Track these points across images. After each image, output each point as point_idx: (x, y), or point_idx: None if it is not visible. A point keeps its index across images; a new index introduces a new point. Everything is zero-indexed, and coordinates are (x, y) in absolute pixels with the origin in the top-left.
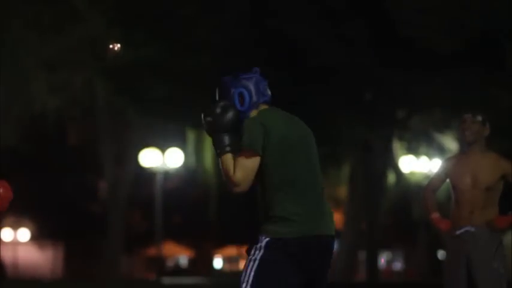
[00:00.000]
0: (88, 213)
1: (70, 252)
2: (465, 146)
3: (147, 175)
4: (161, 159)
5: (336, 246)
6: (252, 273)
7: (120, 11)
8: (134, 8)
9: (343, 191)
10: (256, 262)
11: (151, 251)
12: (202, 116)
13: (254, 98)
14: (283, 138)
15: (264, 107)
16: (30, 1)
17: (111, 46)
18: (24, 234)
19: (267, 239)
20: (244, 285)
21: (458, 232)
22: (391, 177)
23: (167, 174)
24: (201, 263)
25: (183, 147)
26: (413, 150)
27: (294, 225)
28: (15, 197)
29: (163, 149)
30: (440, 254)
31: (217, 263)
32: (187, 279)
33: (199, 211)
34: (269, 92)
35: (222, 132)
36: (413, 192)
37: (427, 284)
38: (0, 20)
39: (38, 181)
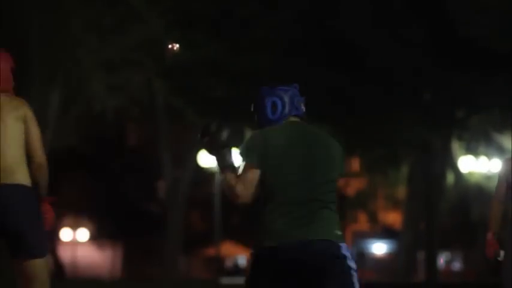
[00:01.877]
0: (147, 213)
1: (129, 252)
2: None
3: (206, 175)
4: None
5: (394, 246)
6: (245, 284)
7: (179, 12)
8: (193, 9)
9: (401, 192)
10: (249, 273)
11: (210, 251)
12: (199, 136)
13: (286, 110)
14: (279, 152)
15: (293, 119)
16: (90, 2)
17: (170, 46)
18: (83, 234)
19: (252, 250)
20: None
21: None
22: (450, 178)
23: None
24: None
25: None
26: (472, 150)
27: (271, 235)
28: (74, 197)
29: None
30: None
31: None
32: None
33: (257, 211)
34: (303, 108)
35: (221, 149)
36: (472, 192)
37: (486, 284)
38: (60, 21)
39: (97, 181)
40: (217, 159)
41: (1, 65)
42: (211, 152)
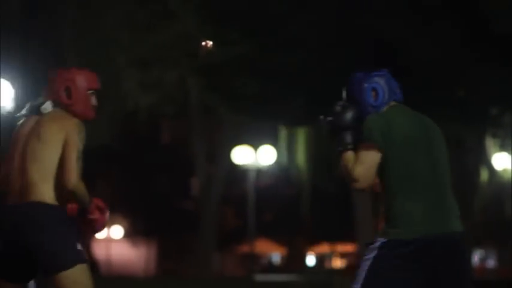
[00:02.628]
0: (181, 211)
1: (163, 250)
2: None
3: (240, 172)
4: (254, 156)
5: None
6: (364, 273)
7: (213, 9)
8: (226, 6)
9: None
10: (369, 262)
11: (244, 248)
12: (323, 116)
13: (386, 95)
14: (405, 135)
15: (393, 104)
16: (123, 0)
17: (203, 44)
18: (117, 231)
19: (382, 239)
20: (355, 283)
21: None
22: (484, 175)
23: (259, 172)
24: (294, 260)
25: (275, 144)
26: (506, 147)
27: (409, 225)
28: (108, 195)
29: (255, 146)
30: None
31: (310, 260)
32: (279, 277)
33: (291, 208)
34: (400, 92)
35: (343, 130)
36: (506, 189)
37: None
38: (93, 20)
39: (131, 179)
40: (338, 140)
41: (77, 82)
42: (333, 131)
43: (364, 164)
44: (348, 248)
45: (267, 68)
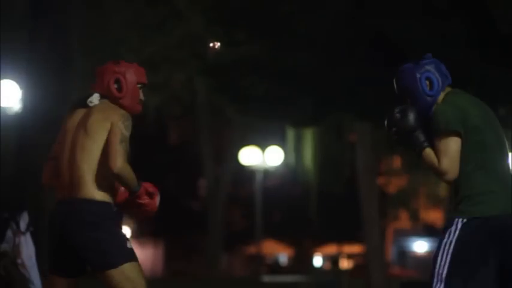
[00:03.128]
0: (188, 211)
1: (170, 250)
2: None
3: (247, 173)
4: (261, 157)
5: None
6: (449, 257)
7: (221, 10)
8: (234, 6)
9: (443, 189)
10: (452, 245)
11: (251, 249)
12: (387, 127)
13: (441, 82)
14: (476, 120)
15: (448, 89)
16: (131, 1)
17: (211, 44)
18: (125, 232)
19: (463, 219)
20: (439, 269)
21: None
22: None
23: (267, 173)
24: (301, 261)
25: (283, 145)
26: None
27: (490, 202)
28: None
29: (263, 147)
30: None
31: (317, 261)
32: (287, 278)
33: (298, 209)
34: (449, 74)
35: (412, 133)
36: None
37: None
38: (101, 20)
39: (138, 179)
40: (412, 144)
41: (127, 76)
42: (403, 140)
43: (449, 156)
44: (355, 248)
45: (274, 68)
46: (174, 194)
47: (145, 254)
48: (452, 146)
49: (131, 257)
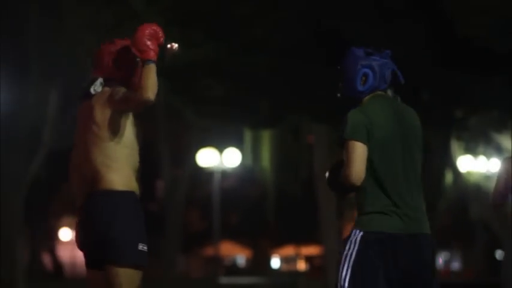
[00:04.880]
0: (146, 213)
1: None
2: None
3: (205, 175)
4: (219, 159)
5: None
6: (350, 269)
7: (178, 11)
8: (192, 8)
9: None
10: (353, 257)
11: (209, 251)
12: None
13: (376, 83)
14: (383, 133)
15: (379, 93)
16: (87, 1)
17: (168, 46)
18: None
19: (361, 232)
20: (342, 281)
21: None
22: (448, 177)
23: (225, 174)
24: (259, 263)
25: (240, 146)
26: (471, 150)
27: (387, 219)
28: (73, 197)
29: (220, 148)
30: (498, 254)
31: (275, 262)
32: (244, 279)
33: (256, 210)
34: (389, 80)
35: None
36: (471, 192)
37: (485, 284)
38: (57, 21)
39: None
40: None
41: (124, 54)
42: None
43: (352, 161)
44: (313, 250)
45: (231, 70)
46: None
47: None
48: (356, 152)
49: (138, 262)
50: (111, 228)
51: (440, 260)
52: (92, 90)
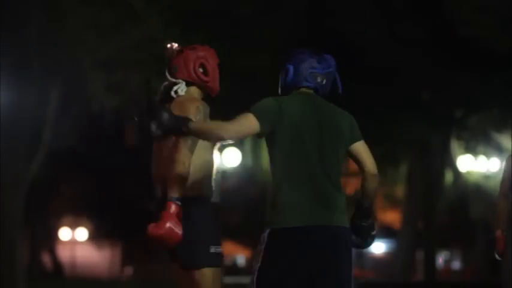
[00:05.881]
0: (146, 212)
1: (128, 251)
2: None
3: None
4: (218, 158)
5: (393, 245)
6: (258, 265)
7: (178, 11)
8: (192, 8)
9: (400, 191)
10: (262, 253)
11: None
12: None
13: (294, 80)
14: (295, 124)
15: (304, 90)
16: (88, 1)
17: (168, 46)
18: (82, 233)
19: (269, 229)
20: (252, 277)
21: None
22: (448, 177)
23: (224, 174)
24: None
25: (240, 146)
26: (471, 149)
27: (291, 214)
28: (73, 197)
29: (220, 148)
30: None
31: None
32: (244, 279)
33: (256, 210)
34: (316, 80)
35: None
36: (471, 191)
37: (485, 283)
38: (58, 21)
39: (95, 181)
40: (177, 130)
41: (209, 60)
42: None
43: (235, 122)
44: None
45: (232, 70)
46: (131, 195)
47: (102, 255)
48: (247, 118)
49: (212, 263)
50: (191, 232)
51: (441, 259)
52: (172, 94)
